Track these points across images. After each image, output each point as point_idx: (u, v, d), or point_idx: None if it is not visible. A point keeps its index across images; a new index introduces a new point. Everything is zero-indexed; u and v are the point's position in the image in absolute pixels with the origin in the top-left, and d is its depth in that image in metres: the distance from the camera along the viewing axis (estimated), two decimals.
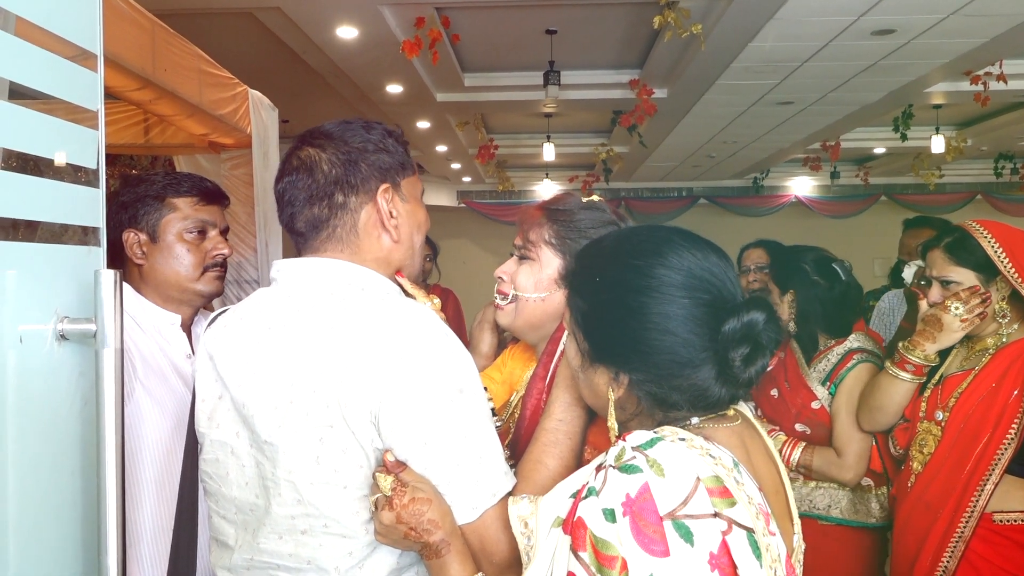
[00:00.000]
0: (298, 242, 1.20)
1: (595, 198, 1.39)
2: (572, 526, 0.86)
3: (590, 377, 1.03)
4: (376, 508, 1.02)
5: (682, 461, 0.86)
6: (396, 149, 1.20)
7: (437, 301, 1.23)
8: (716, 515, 0.83)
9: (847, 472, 2.25)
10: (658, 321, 0.94)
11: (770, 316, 0.94)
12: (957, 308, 1.93)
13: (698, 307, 0.95)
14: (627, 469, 0.85)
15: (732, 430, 0.99)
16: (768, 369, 1.06)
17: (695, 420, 0.98)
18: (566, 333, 1.27)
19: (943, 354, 2.07)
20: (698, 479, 0.84)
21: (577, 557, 0.84)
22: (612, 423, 1.00)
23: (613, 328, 0.97)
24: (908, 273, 3.14)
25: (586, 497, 0.86)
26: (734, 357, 0.93)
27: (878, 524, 2.31)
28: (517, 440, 1.30)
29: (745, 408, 1.06)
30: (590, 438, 1.20)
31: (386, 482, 1.00)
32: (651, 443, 0.88)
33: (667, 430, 0.92)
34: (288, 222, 1.19)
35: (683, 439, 0.90)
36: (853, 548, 2.33)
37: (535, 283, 1.34)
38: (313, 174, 1.15)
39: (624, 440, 0.89)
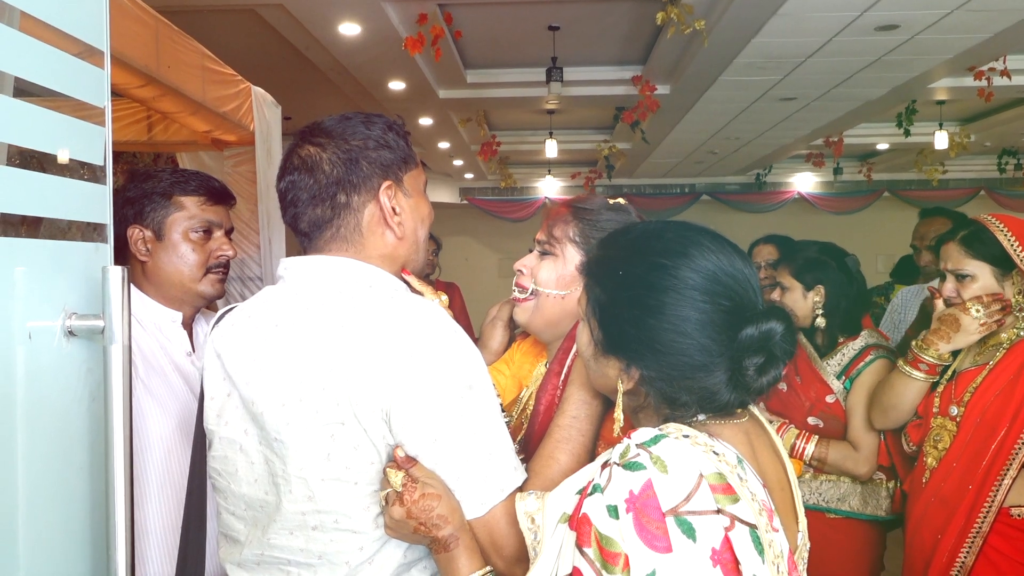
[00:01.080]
0: (303, 241, 1.19)
1: (620, 200, 1.39)
2: (577, 522, 0.87)
3: (601, 366, 1.04)
4: (386, 503, 1.02)
5: (685, 458, 0.86)
6: (397, 143, 1.19)
7: (445, 298, 1.23)
8: (719, 511, 0.83)
9: (863, 466, 2.27)
10: (676, 323, 0.94)
11: (788, 327, 0.94)
12: (978, 311, 1.91)
13: (718, 312, 0.95)
14: (631, 466, 0.85)
15: (738, 427, 0.99)
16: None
17: (701, 417, 0.98)
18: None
19: (955, 351, 2.06)
20: (701, 476, 0.84)
21: (582, 553, 0.85)
22: (619, 414, 1.01)
23: (630, 324, 0.97)
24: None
25: (591, 494, 0.87)
26: (748, 365, 0.94)
27: (886, 517, 2.32)
28: (530, 436, 1.30)
29: (752, 405, 1.05)
30: (603, 433, 1.21)
31: (396, 478, 1.01)
32: (655, 440, 0.88)
33: (671, 427, 0.92)
34: (292, 222, 1.19)
35: (687, 436, 0.90)
36: (860, 541, 2.35)
37: (557, 279, 1.35)
38: (314, 174, 1.14)
39: (629, 437, 0.90)
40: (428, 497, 1.00)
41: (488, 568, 1.03)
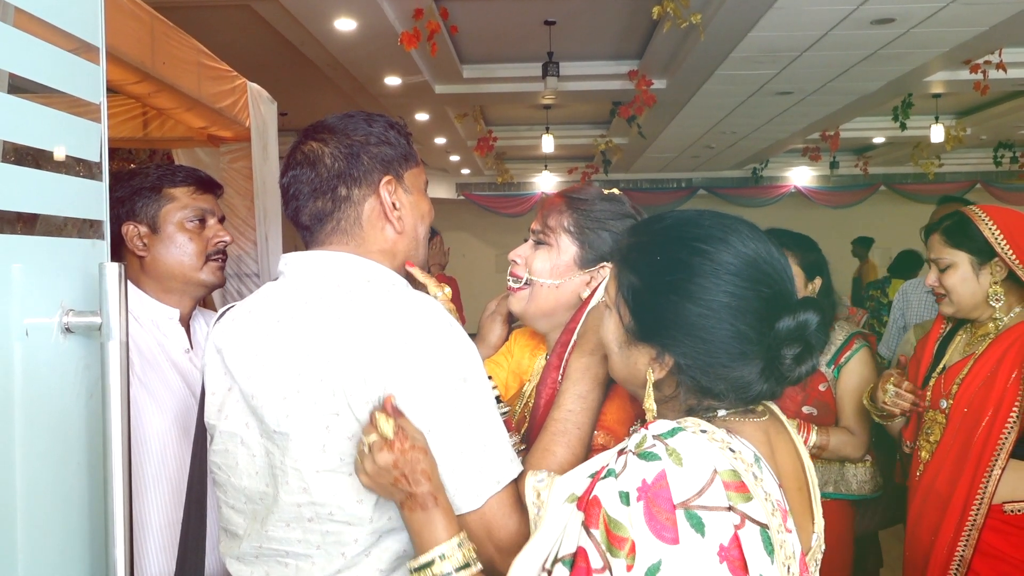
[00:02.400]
0: (304, 235, 1.21)
1: (615, 191, 1.40)
2: (587, 503, 0.86)
3: (631, 355, 1.01)
4: (369, 449, 1.00)
5: (701, 452, 0.85)
6: (398, 141, 1.21)
7: (448, 290, 1.24)
8: (730, 508, 0.83)
9: (860, 450, 2.35)
10: (716, 308, 0.93)
11: (822, 319, 0.93)
12: (887, 391, 2.03)
13: (758, 300, 0.93)
14: (646, 456, 0.85)
15: (758, 425, 0.98)
16: None
17: (722, 413, 0.97)
18: (582, 321, 1.28)
19: (944, 344, 2.08)
20: (715, 471, 0.84)
21: (589, 534, 0.84)
22: (650, 404, 0.98)
23: (668, 309, 0.96)
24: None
25: (604, 477, 0.86)
26: (785, 355, 0.93)
27: (871, 495, 2.42)
28: (532, 429, 1.31)
29: (773, 403, 1.04)
30: (603, 421, 1.22)
31: (388, 425, 0.99)
32: (672, 433, 0.87)
33: (690, 421, 0.91)
34: (293, 216, 1.20)
35: (704, 431, 0.89)
36: (848, 518, 2.43)
37: (551, 268, 1.36)
38: (316, 168, 1.16)
39: (646, 429, 0.89)
40: (416, 450, 0.99)
41: (464, 534, 1.01)
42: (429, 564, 0.98)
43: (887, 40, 5.58)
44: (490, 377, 1.14)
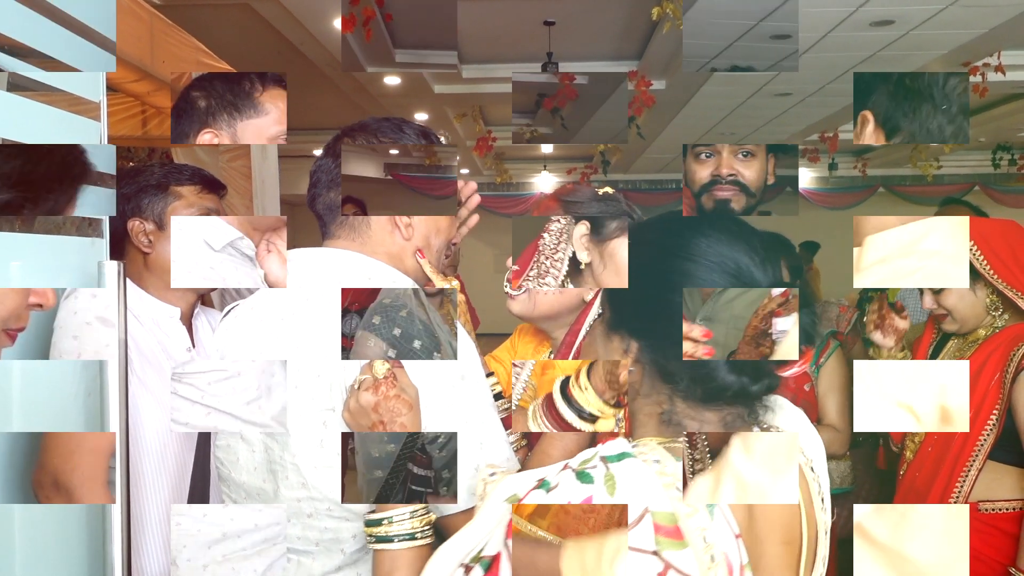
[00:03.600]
0: (320, 224, 1.24)
1: (608, 190, 1.40)
2: (514, 509, 0.83)
3: (607, 354, 0.98)
4: (358, 387, 1.00)
5: (639, 487, 0.79)
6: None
7: (456, 283, 1.25)
8: (655, 553, 0.76)
9: (846, 446, 2.40)
10: (676, 279, 0.88)
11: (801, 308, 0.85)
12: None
13: (721, 275, 0.87)
14: (581, 476, 0.80)
15: None
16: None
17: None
18: (586, 323, 1.28)
19: (938, 349, 2.09)
20: (646, 510, 0.77)
21: (505, 543, 0.81)
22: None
23: (631, 289, 0.93)
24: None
25: (538, 488, 0.82)
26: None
27: (848, 488, 2.48)
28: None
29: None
30: None
31: (383, 367, 0.99)
32: (620, 457, 0.82)
33: (649, 447, 0.85)
34: (310, 202, 1.23)
35: (658, 461, 0.83)
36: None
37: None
38: (338, 161, 1.20)
39: (602, 444, 0.85)
40: (400, 401, 0.98)
41: (423, 508, 1.00)
42: (378, 523, 0.99)
43: (886, 42, 5.59)
44: (491, 373, 1.14)
